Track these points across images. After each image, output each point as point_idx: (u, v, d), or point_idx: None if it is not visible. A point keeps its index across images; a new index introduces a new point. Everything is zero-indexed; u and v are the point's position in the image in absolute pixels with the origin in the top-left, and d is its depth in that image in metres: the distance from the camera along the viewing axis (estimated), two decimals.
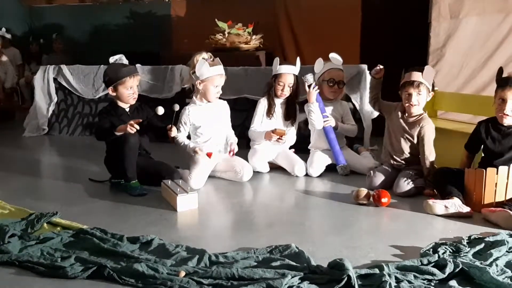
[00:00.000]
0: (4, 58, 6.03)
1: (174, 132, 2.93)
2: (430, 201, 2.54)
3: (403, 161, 3.01)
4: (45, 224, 2.38)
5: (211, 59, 3.20)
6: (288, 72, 3.42)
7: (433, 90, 2.97)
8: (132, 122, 2.83)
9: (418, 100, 2.89)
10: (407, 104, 2.91)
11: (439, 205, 2.51)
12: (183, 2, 6.22)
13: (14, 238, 2.17)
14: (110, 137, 2.92)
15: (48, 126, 4.97)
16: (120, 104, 3.04)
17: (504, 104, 2.57)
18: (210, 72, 3.12)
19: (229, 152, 3.24)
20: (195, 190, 2.78)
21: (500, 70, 2.64)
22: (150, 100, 4.18)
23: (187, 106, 3.25)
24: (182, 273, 1.84)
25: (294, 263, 1.92)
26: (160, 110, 2.87)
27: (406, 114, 2.98)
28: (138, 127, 2.83)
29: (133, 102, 3.03)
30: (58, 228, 2.36)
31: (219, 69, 3.17)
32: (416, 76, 2.86)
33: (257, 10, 5.49)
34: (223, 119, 3.33)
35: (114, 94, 3.02)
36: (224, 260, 1.97)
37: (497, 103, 2.62)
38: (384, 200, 2.68)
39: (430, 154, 2.90)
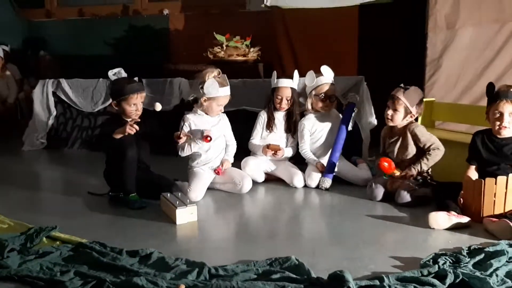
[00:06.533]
0: (8, 72, 6.07)
1: (182, 140, 3.00)
2: (433, 212, 2.54)
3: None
4: (44, 239, 2.37)
5: (219, 77, 3.20)
6: (285, 86, 3.46)
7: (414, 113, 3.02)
8: (131, 122, 2.83)
9: (393, 115, 2.98)
10: (385, 116, 3.04)
11: (441, 214, 2.51)
12: (181, 16, 6.26)
13: (13, 252, 2.16)
14: (110, 141, 2.89)
15: (47, 140, 4.98)
16: (123, 116, 3.04)
17: (502, 117, 2.61)
18: (219, 93, 3.14)
19: (216, 171, 3.20)
20: (194, 203, 2.78)
21: (491, 86, 2.66)
22: (148, 113, 4.19)
23: (188, 114, 3.27)
24: (182, 287, 1.83)
25: (294, 276, 1.92)
26: (158, 107, 2.91)
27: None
28: (137, 128, 2.82)
29: (135, 117, 3.02)
30: (57, 242, 2.35)
31: (227, 90, 3.19)
32: (398, 92, 2.97)
33: (255, 22, 5.52)
34: (221, 131, 3.33)
35: (116, 108, 3.03)
36: (224, 273, 1.96)
37: (493, 117, 2.65)
38: (385, 164, 2.80)
39: (434, 147, 2.94)
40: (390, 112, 2.99)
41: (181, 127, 3.13)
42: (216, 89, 3.12)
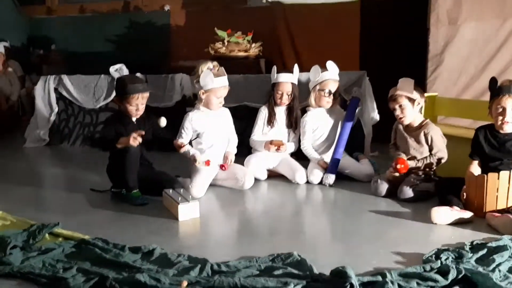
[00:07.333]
0: (10, 69, 6.07)
1: (183, 149, 3.01)
2: (436, 208, 2.53)
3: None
4: (46, 235, 2.37)
5: (216, 69, 3.20)
6: (285, 81, 3.45)
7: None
8: (135, 134, 2.82)
9: (403, 112, 2.97)
10: (397, 119, 3.03)
11: (444, 209, 2.50)
12: (182, 12, 6.25)
13: (16, 249, 2.16)
14: (112, 149, 2.92)
15: (49, 137, 4.98)
16: (126, 113, 3.04)
17: (504, 112, 2.60)
18: (214, 84, 3.13)
19: (221, 166, 3.21)
20: (197, 199, 2.78)
21: (494, 81, 2.65)
22: (151, 109, 4.20)
23: (190, 112, 3.27)
24: (185, 283, 1.83)
25: (296, 272, 1.92)
26: (163, 122, 2.88)
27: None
28: (141, 140, 2.83)
29: (136, 116, 3.02)
30: (60, 239, 2.35)
31: (223, 80, 3.17)
32: (392, 90, 2.98)
33: (256, 18, 5.52)
34: (225, 126, 3.34)
35: (118, 104, 3.03)
36: (226, 269, 1.96)
37: (496, 111, 2.64)
38: (400, 166, 2.84)
39: (435, 153, 2.94)
40: (398, 111, 2.98)
41: (181, 131, 3.17)
42: (211, 80, 3.11)
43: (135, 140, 2.80)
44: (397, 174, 2.91)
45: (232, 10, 5.87)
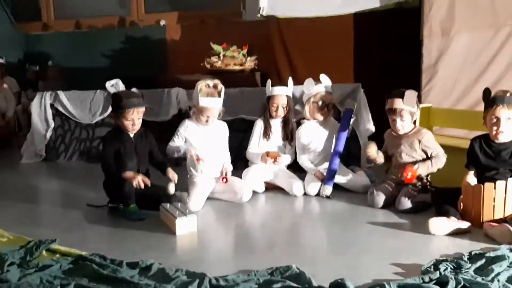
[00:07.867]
0: (5, 85, 6.08)
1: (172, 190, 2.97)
2: (433, 218, 2.54)
3: None
4: (44, 252, 2.36)
5: (218, 87, 3.21)
6: (280, 94, 3.47)
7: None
8: (141, 180, 2.85)
9: (402, 125, 3.02)
10: (394, 128, 3.06)
11: (441, 220, 2.51)
12: (178, 26, 6.29)
13: (13, 266, 2.15)
14: (117, 177, 2.93)
15: (45, 152, 4.98)
16: (122, 128, 3.04)
17: (499, 122, 2.61)
18: (200, 103, 3.16)
19: (222, 178, 3.23)
20: (194, 213, 2.78)
21: (487, 91, 2.68)
22: (147, 124, 4.21)
23: (187, 119, 3.29)
24: None
25: (295, 285, 1.91)
26: (171, 189, 2.85)
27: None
28: (143, 186, 2.85)
29: (132, 132, 3.02)
30: (57, 255, 2.34)
31: (211, 102, 3.18)
32: (397, 103, 2.97)
33: (251, 32, 5.56)
34: (220, 140, 3.34)
35: (114, 120, 3.04)
36: (225, 284, 1.95)
37: (490, 122, 2.66)
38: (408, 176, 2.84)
39: (437, 154, 2.97)
40: (400, 123, 3.01)
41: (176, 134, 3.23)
42: (198, 99, 3.15)
43: (138, 183, 2.84)
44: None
45: (227, 24, 5.92)
